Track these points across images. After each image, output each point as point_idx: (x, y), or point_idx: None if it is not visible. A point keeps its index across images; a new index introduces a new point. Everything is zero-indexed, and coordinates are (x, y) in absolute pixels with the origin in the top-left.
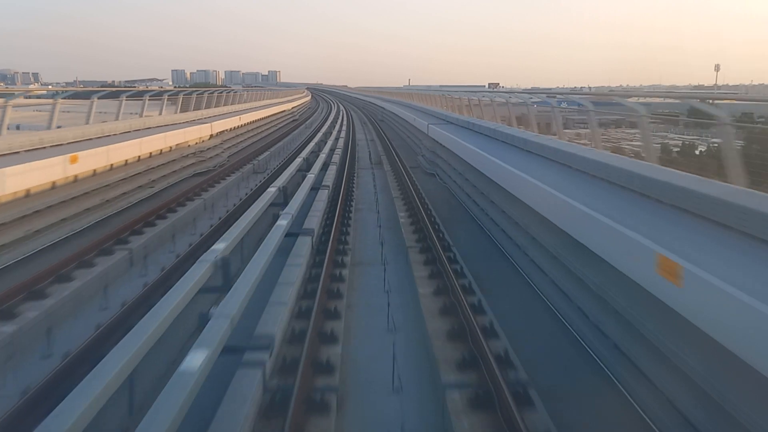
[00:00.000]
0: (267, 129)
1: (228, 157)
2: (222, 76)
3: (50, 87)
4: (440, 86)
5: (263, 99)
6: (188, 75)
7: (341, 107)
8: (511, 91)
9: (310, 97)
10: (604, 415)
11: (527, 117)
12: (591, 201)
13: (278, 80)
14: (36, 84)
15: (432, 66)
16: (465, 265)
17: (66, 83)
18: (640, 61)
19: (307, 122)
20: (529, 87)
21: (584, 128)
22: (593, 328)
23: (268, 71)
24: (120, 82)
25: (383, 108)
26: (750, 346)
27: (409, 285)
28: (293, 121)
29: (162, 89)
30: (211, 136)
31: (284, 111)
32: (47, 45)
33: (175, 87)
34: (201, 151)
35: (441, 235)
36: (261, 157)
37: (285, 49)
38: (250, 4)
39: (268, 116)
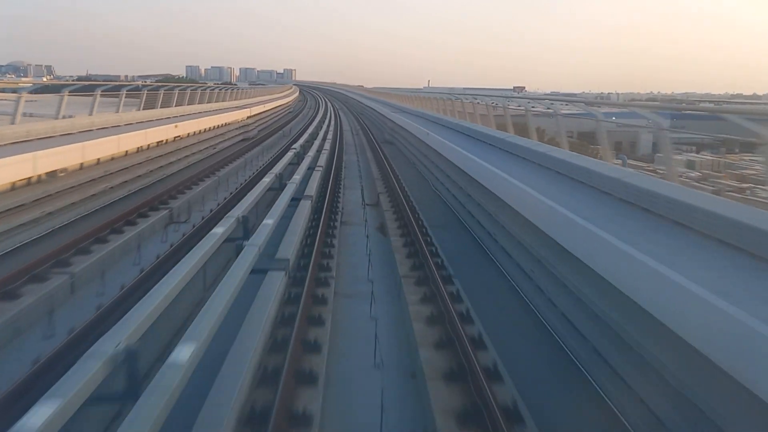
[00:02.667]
0: None
1: None
2: (237, 72)
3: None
4: (464, 88)
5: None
6: (203, 71)
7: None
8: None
9: (291, 98)
10: None
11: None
12: None
13: (293, 78)
14: (49, 77)
15: (451, 68)
16: None
17: (78, 77)
18: (666, 69)
19: None
20: (548, 92)
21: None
22: None
23: (284, 69)
24: (133, 76)
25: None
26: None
27: None
28: None
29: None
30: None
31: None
32: (62, 38)
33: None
34: None
35: None
36: None
37: (301, 48)
38: (268, 2)
39: None
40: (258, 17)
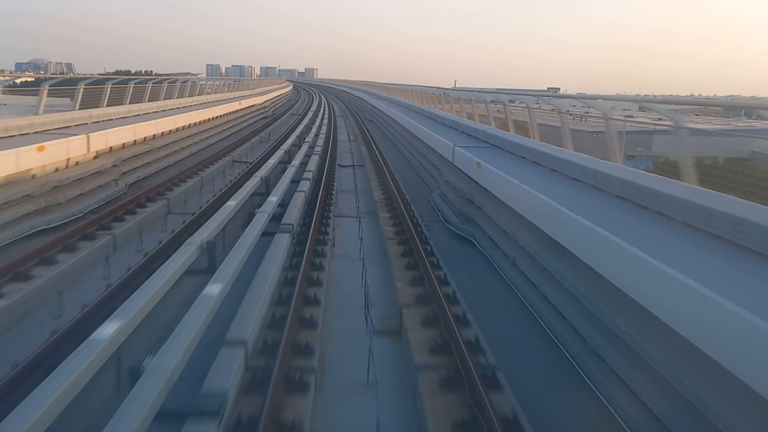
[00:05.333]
0: None
1: None
2: (257, 71)
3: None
4: (496, 90)
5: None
6: (223, 70)
7: None
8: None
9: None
10: None
11: None
12: None
13: (315, 77)
14: (68, 75)
15: (477, 68)
16: None
17: (98, 75)
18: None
19: None
20: (575, 93)
21: None
22: None
23: (305, 68)
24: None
25: None
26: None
27: None
28: None
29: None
30: None
31: None
32: (83, 36)
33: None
34: None
35: None
36: None
37: (324, 47)
38: (292, 3)
39: None
40: (281, 17)
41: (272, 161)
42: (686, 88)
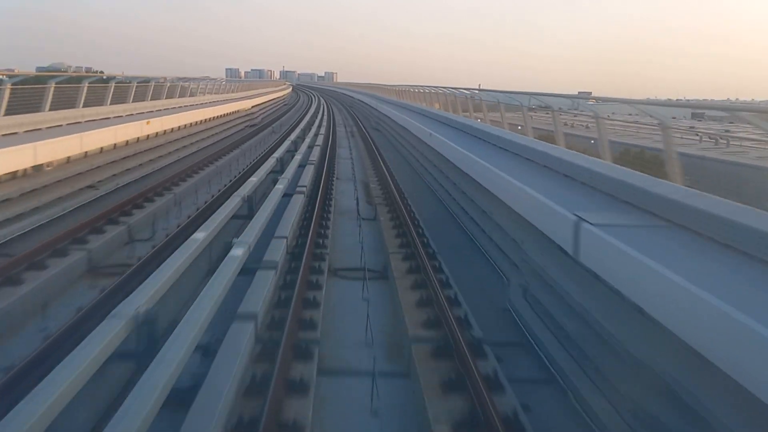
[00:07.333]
0: None
1: None
2: (276, 75)
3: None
4: (530, 95)
5: None
6: (242, 74)
7: None
8: None
9: None
10: None
11: None
12: None
13: (335, 81)
14: None
15: (502, 70)
16: None
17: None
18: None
19: None
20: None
21: None
22: None
23: (324, 72)
24: (172, 78)
25: None
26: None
27: None
28: None
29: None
30: None
31: None
32: (102, 40)
33: None
34: None
35: None
36: None
37: (345, 52)
38: (311, 7)
39: None
40: (302, 22)
41: None
42: (711, 92)
